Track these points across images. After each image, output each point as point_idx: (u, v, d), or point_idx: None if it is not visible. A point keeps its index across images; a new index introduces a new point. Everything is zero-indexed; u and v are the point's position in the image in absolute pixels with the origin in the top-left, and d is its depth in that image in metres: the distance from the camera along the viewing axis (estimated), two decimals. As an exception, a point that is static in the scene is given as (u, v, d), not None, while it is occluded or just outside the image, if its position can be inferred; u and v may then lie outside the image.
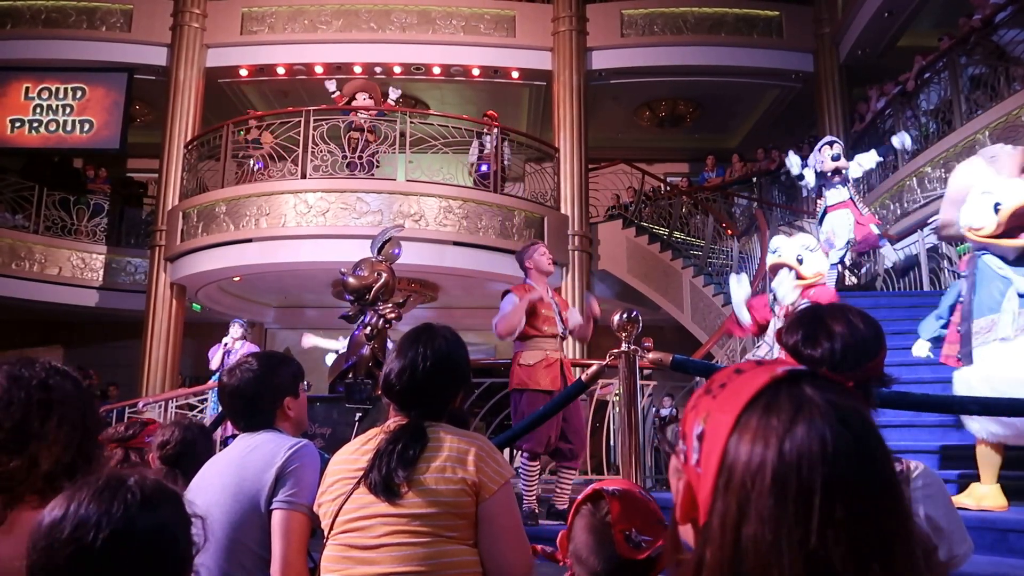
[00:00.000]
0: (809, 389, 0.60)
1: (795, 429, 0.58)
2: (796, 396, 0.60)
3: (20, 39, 11.38)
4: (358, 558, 1.54)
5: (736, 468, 0.59)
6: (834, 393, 0.61)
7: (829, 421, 0.58)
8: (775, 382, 0.62)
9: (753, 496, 0.57)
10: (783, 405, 0.59)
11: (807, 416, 0.58)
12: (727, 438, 0.60)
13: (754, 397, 0.61)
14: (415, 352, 1.66)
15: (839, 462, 0.56)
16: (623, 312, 3.07)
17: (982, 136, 7.40)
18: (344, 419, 5.26)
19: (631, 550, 1.27)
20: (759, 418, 0.59)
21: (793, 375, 0.62)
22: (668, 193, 12.08)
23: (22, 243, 11.26)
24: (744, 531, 0.57)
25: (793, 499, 0.56)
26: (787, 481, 0.56)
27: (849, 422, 0.58)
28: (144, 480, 0.99)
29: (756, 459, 0.58)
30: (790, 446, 0.57)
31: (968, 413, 3.41)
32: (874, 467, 0.58)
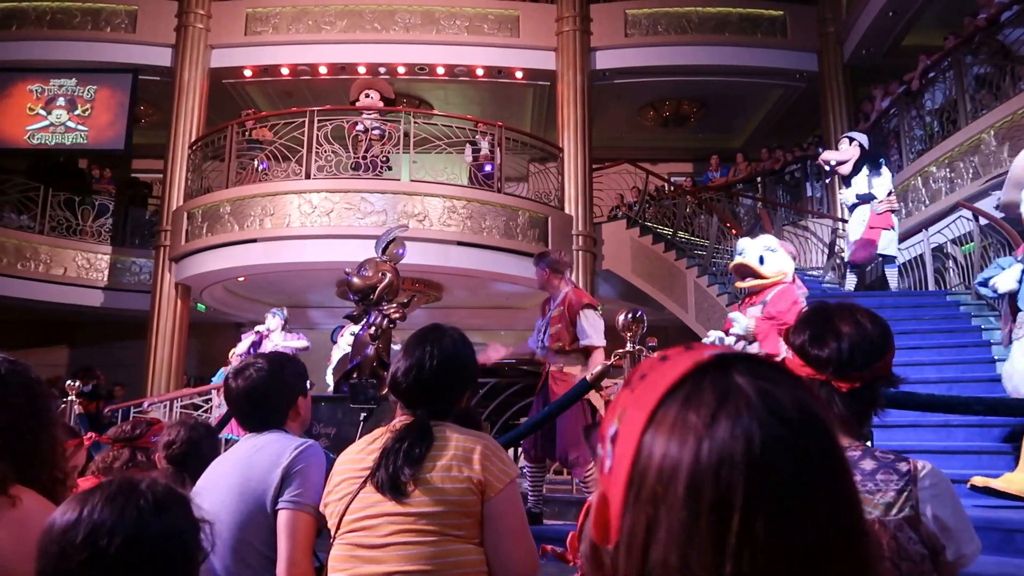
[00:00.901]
0: (739, 377, 0.50)
1: (716, 425, 0.48)
2: (722, 385, 0.50)
3: (25, 40, 11.42)
4: (365, 557, 1.54)
5: (647, 476, 0.49)
6: (771, 381, 0.50)
7: (758, 415, 0.48)
8: (699, 369, 0.51)
9: (663, 510, 0.48)
10: (704, 396, 0.49)
11: (731, 409, 0.48)
12: (639, 439, 0.50)
13: (673, 388, 0.51)
14: (422, 351, 1.67)
15: (767, 466, 0.46)
16: (628, 312, 3.07)
17: (987, 136, 7.37)
18: (349, 419, 5.26)
19: None
20: (676, 413, 0.50)
21: (721, 360, 0.52)
22: (672, 193, 12.07)
23: (27, 243, 11.30)
24: (652, 553, 0.47)
25: (707, 513, 0.46)
26: (702, 491, 0.47)
27: (784, 416, 0.48)
28: (155, 484, 1.00)
29: (669, 464, 0.48)
30: (708, 447, 0.47)
31: (973, 414, 3.41)
32: (813, 473, 0.48)
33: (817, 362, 1.31)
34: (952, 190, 7.85)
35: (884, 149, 9.81)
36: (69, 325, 12.86)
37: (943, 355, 5.64)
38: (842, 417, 1.30)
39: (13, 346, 12.50)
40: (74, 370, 11.62)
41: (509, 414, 5.94)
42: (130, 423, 2.65)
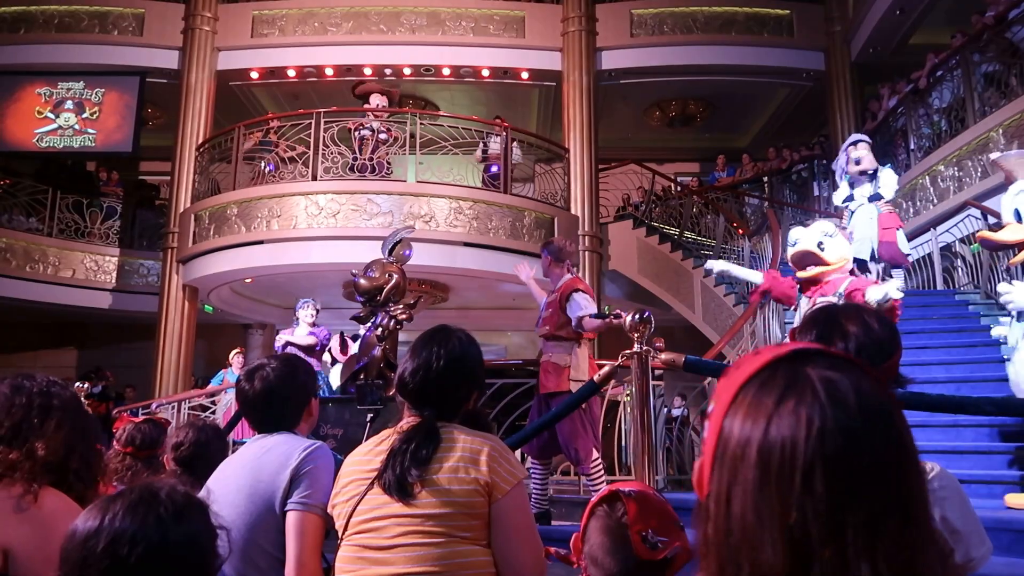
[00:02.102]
0: (810, 368, 0.59)
1: (782, 407, 0.57)
2: (791, 374, 0.59)
3: (33, 44, 11.48)
4: (372, 558, 1.55)
5: (728, 445, 0.59)
6: (838, 372, 0.59)
7: (819, 400, 0.57)
8: (776, 360, 0.61)
9: (740, 473, 0.57)
10: (776, 383, 0.59)
11: (797, 394, 0.58)
12: (723, 415, 0.61)
13: (753, 375, 0.61)
14: (429, 352, 1.67)
15: (825, 442, 0.55)
16: (635, 313, 3.06)
17: (996, 134, 7.34)
18: (356, 420, 5.27)
19: (648, 551, 1.27)
20: (752, 395, 0.60)
21: (797, 353, 0.62)
22: (679, 193, 12.06)
23: (36, 246, 11.35)
24: (733, 506, 0.57)
25: (775, 477, 0.56)
26: (770, 459, 0.56)
27: (843, 402, 0.57)
28: (175, 492, 1.00)
29: (744, 436, 0.58)
30: (776, 423, 0.57)
31: (983, 414, 3.39)
32: (866, 450, 0.56)
33: None
34: (960, 189, 7.82)
35: (891, 148, 9.78)
36: (78, 327, 12.92)
37: (952, 355, 5.61)
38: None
39: (23, 348, 12.59)
40: (83, 371, 11.68)
41: (516, 414, 5.94)
42: (144, 429, 2.63)
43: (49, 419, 1.31)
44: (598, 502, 1.35)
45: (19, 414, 1.30)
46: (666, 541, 1.28)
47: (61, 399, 1.36)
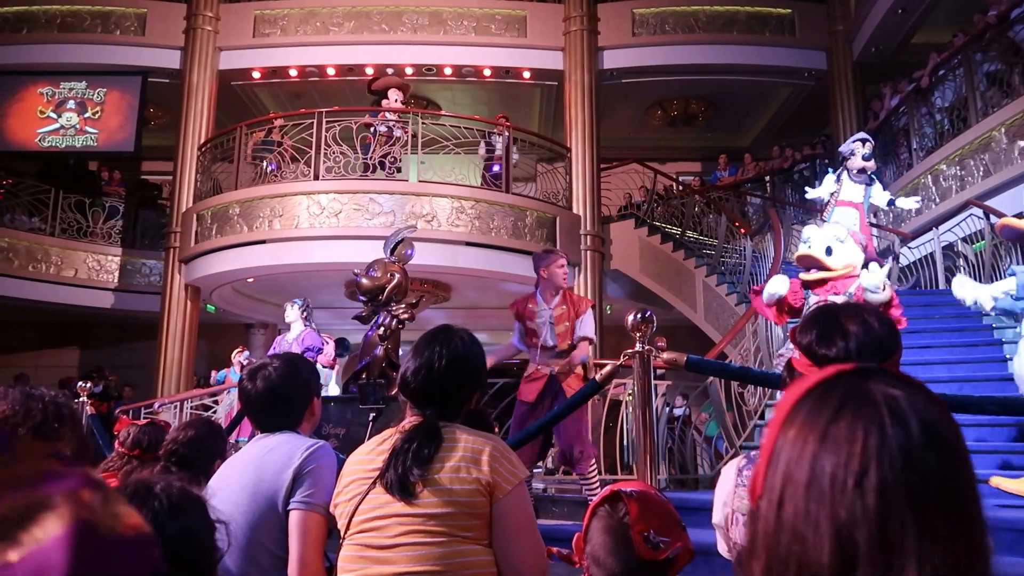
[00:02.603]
0: (871, 383, 0.60)
1: (841, 417, 0.58)
2: (852, 388, 0.60)
3: (35, 44, 11.50)
4: (374, 558, 1.55)
5: (783, 452, 0.60)
6: (899, 389, 0.60)
7: (879, 414, 0.57)
8: (839, 374, 0.62)
9: (792, 479, 0.59)
10: (836, 395, 0.60)
11: (856, 407, 0.58)
12: (782, 422, 0.62)
13: (815, 386, 0.62)
14: (431, 351, 1.67)
15: (881, 452, 0.56)
16: (637, 312, 3.06)
17: (998, 133, 7.33)
18: (358, 420, 5.27)
19: (650, 551, 1.27)
20: (812, 404, 0.61)
21: (860, 369, 0.62)
22: (680, 192, 12.05)
23: (39, 245, 11.37)
24: (784, 510, 0.59)
25: (828, 483, 0.57)
26: (824, 465, 0.57)
27: (904, 420, 0.57)
28: (170, 487, 1.00)
29: (798, 445, 0.59)
30: (833, 432, 0.58)
31: (985, 413, 3.39)
32: (921, 468, 0.56)
33: (825, 362, 1.30)
34: (962, 188, 7.81)
35: (894, 147, 9.78)
36: (80, 326, 12.94)
37: (954, 354, 5.61)
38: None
39: (25, 348, 12.61)
40: (85, 371, 11.69)
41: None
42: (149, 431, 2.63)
43: (64, 426, 1.35)
44: (600, 502, 1.36)
45: (39, 416, 1.33)
46: (668, 541, 1.28)
47: (70, 409, 1.39)
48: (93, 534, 0.39)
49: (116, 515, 0.42)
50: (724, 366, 4.36)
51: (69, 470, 0.42)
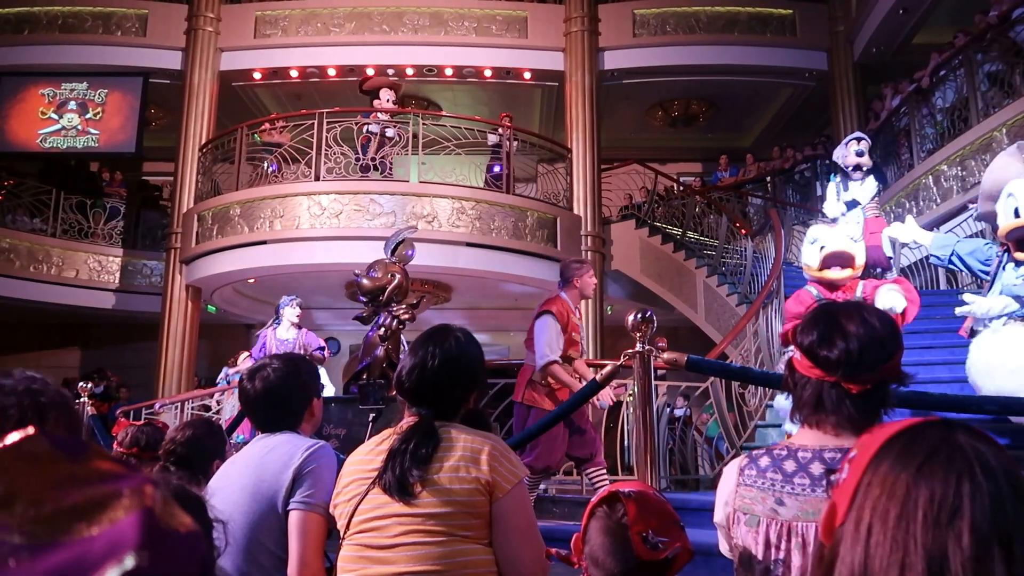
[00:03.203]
0: (959, 435, 0.64)
1: (933, 462, 0.62)
2: (942, 436, 0.64)
3: (37, 45, 11.51)
4: (374, 558, 1.55)
5: (872, 486, 0.64)
6: (984, 444, 0.64)
7: (968, 464, 0.61)
8: (927, 423, 0.67)
9: (880, 510, 0.62)
10: (927, 441, 0.64)
11: (948, 455, 0.62)
12: (867, 462, 0.66)
13: (901, 431, 0.66)
14: (425, 351, 1.68)
15: (975, 503, 0.60)
16: (637, 312, 3.06)
17: (999, 133, 7.33)
18: (358, 420, 5.28)
19: (649, 551, 1.27)
20: (902, 447, 0.65)
21: (947, 422, 0.67)
22: (681, 193, 12.05)
23: (40, 246, 11.38)
24: (873, 538, 0.62)
25: (921, 522, 0.60)
26: (916, 503, 0.61)
27: (993, 472, 0.61)
28: (166, 483, 1.00)
29: (890, 481, 0.63)
30: (925, 474, 0.62)
31: (986, 413, 3.39)
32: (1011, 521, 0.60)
33: (827, 363, 1.30)
34: (964, 189, 7.80)
35: (895, 147, 9.77)
36: (81, 327, 12.94)
37: (955, 355, 5.59)
38: (852, 418, 1.30)
39: (26, 348, 12.61)
40: (87, 372, 11.70)
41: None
42: (147, 431, 2.64)
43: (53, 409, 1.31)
44: (598, 503, 1.36)
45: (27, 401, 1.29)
46: (667, 541, 1.28)
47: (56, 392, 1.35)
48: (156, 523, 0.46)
49: (172, 513, 0.50)
50: (724, 366, 4.36)
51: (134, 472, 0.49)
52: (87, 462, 0.48)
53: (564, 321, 4.27)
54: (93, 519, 0.43)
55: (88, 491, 0.44)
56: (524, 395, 4.37)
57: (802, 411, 1.35)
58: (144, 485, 0.47)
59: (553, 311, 4.26)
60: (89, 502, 0.43)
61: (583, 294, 4.48)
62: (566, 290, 4.43)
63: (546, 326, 4.23)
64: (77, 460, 0.47)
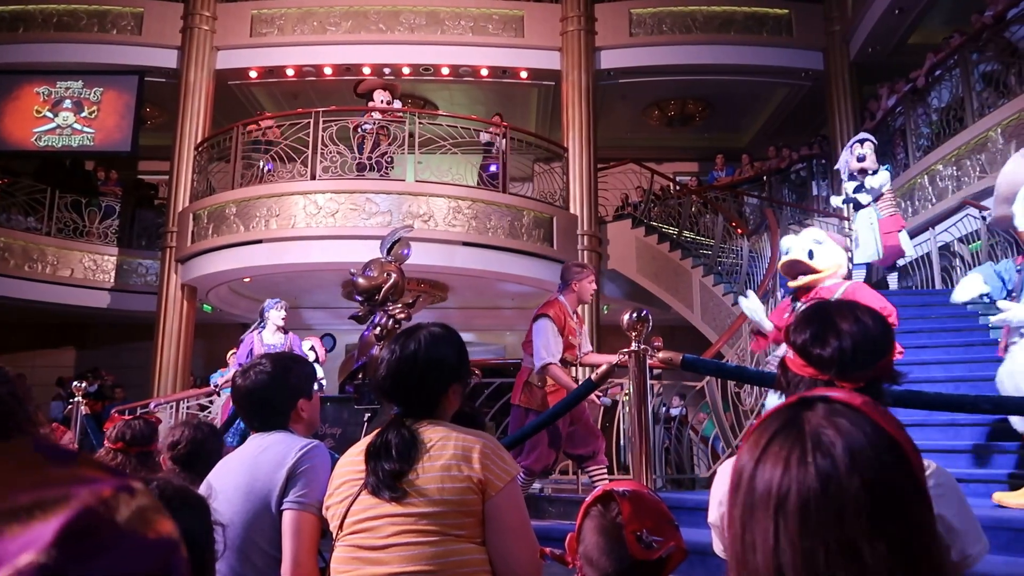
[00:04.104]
0: (806, 412, 0.65)
1: (769, 447, 0.64)
2: (787, 417, 0.66)
3: (32, 43, 11.48)
4: (367, 558, 1.54)
5: (735, 477, 0.66)
6: (834, 418, 0.64)
7: (801, 444, 0.62)
8: (787, 406, 0.68)
9: (739, 502, 0.65)
10: (772, 424, 0.66)
11: (783, 436, 0.64)
12: (740, 455, 0.68)
13: (765, 418, 0.68)
14: (391, 351, 1.69)
15: (803, 484, 0.61)
16: (633, 311, 3.06)
17: (994, 133, 7.34)
18: (354, 419, 5.27)
19: (643, 551, 1.27)
20: (755, 434, 0.67)
21: (804, 400, 0.68)
22: (677, 192, 12.06)
23: (35, 245, 11.34)
24: (734, 532, 0.65)
25: (760, 509, 0.62)
26: (755, 492, 0.63)
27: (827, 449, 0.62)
28: (166, 485, 0.99)
29: (746, 474, 0.65)
30: (763, 460, 0.64)
31: (981, 412, 3.40)
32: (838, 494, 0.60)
33: (820, 362, 1.30)
34: (959, 188, 7.82)
35: (890, 147, 9.79)
36: (76, 326, 12.91)
37: (950, 354, 5.61)
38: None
39: (21, 348, 12.57)
40: (82, 371, 11.67)
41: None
42: (135, 426, 2.63)
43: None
44: (592, 502, 1.35)
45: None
46: (661, 541, 1.28)
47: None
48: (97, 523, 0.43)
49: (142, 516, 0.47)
50: (720, 365, 4.36)
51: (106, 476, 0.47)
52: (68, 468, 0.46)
53: (561, 324, 4.31)
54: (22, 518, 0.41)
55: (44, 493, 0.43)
56: (521, 398, 4.40)
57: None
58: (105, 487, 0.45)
59: (550, 314, 4.31)
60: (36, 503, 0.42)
61: (580, 299, 4.51)
62: (564, 293, 4.47)
63: (543, 329, 4.28)
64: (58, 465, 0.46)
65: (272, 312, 6.96)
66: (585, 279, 4.49)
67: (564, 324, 4.32)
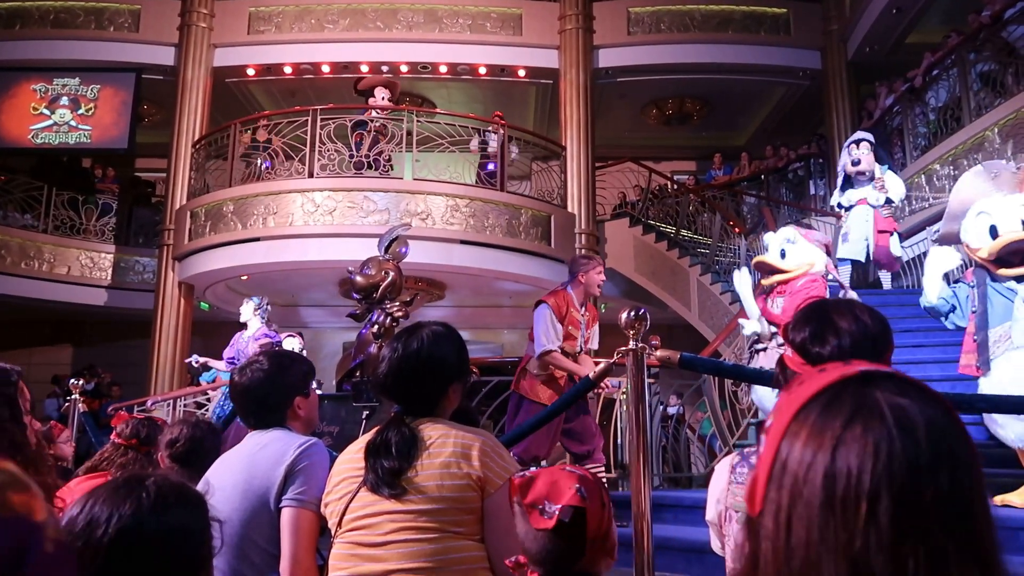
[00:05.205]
0: (878, 391, 0.58)
1: (848, 432, 0.56)
2: (859, 397, 0.58)
3: (29, 40, 11.45)
4: (366, 555, 1.55)
5: (789, 465, 0.58)
6: (907, 397, 0.58)
7: (887, 427, 0.55)
8: (843, 381, 0.60)
9: (803, 496, 0.56)
10: (843, 405, 0.58)
11: (864, 419, 0.56)
12: (783, 432, 0.59)
13: (817, 394, 0.59)
14: (392, 349, 1.70)
15: (893, 473, 0.54)
16: (631, 310, 3.06)
17: (991, 133, 7.36)
18: (352, 417, 5.28)
19: (543, 520, 1.27)
20: (816, 416, 0.58)
21: (866, 375, 0.60)
22: (675, 191, 12.07)
23: (32, 243, 11.32)
24: (794, 530, 0.56)
25: (840, 504, 0.55)
26: (835, 485, 0.55)
27: (912, 430, 0.55)
28: (165, 481, 0.99)
29: (807, 458, 0.57)
30: (842, 449, 0.56)
31: (976, 412, 3.40)
32: (933, 483, 0.55)
33: (819, 361, 1.29)
34: (956, 188, 7.83)
35: (888, 146, 9.80)
36: (73, 324, 12.89)
37: (947, 353, 5.61)
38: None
39: (18, 345, 12.55)
40: (78, 369, 11.65)
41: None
42: (147, 424, 2.64)
43: None
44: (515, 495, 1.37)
45: None
46: (560, 506, 1.27)
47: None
48: None
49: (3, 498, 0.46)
50: (718, 364, 4.37)
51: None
52: None
53: (560, 313, 4.29)
54: None
55: None
56: (519, 384, 4.41)
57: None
58: None
59: (549, 302, 4.30)
60: None
61: (588, 290, 4.46)
62: (572, 285, 4.46)
63: (540, 316, 4.27)
64: None
65: (243, 307, 6.96)
66: (592, 270, 4.46)
67: (565, 313, 4.30)
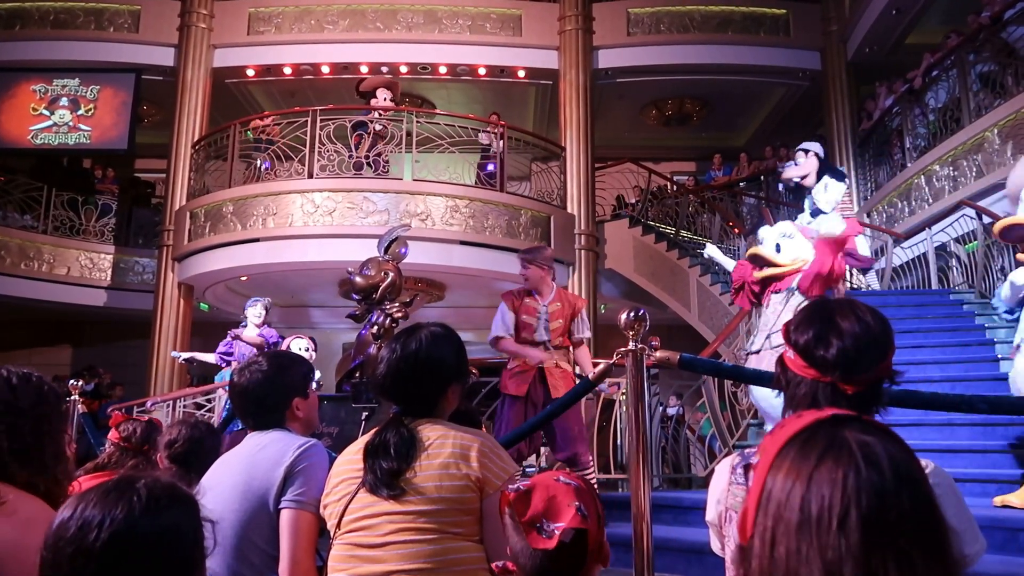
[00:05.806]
0: (847, 431, 0.68)
1: (822, 465, 0.66)
2: (831, 436, 0.68)
3: (29, 40, 11.45)
4: (365, 556, 1.55)
5: (773, 494, 0.68)
6: (872, 436, 0.68)
7: (855, 461, 0.65)
8: (818, 423, 0.70)
9: (783, 516, 0.66)
10: (817, 443, 0.68)
11: (835, 454, 0.66)
12: (768, 468, 0.70)
13: (795, 435, 0.70)
14: (391, 350, 1.70)
15: (859, 495, 0.64)
16: (630, 311, 3.06)
17: (991, 134, 7.36)
18: (351, 418, 5.27)
19: (542, 540, 1.24)
20: (795, 453, 0.69)
21: (836, 418, 0.71)
22: (675, 192, 12.07)
23: (31, 243, 11.32)
24: (777, 549, 0.66)
25: (815, 522, 0.64)
26: (810, 510, 0.65)
27: (876, 462, 0.65)
28: (155, 482, 0.99)
29: (787, 487, 0.67)
30: (816, 480, 0.66)
31: (977, 412, 3.40)
32: (894, 506, 0.64)
33: (823, 364, 1.28)
34: (955, 188, 7.83)
35: (887, 147, 9.80)
36: (73, 325, 12.88)
37: (946, 354, 5.63)
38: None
39: (17, 346, 12.55)
40: (78, 369, 11.64)
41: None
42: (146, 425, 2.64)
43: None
44: (508, 503, 1.32)
45: None
46: (561, 526, 1.23)
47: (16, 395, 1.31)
48: None
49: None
50: (717, 365, 4.36)
51: None
52: None
53: (515, 305, 4.49)
54: None
55: None
56: (501, 381, 4.54)
57: (796, 410, 1.34)
58: None
59: (505, 296, 4.56)
60: None
61: (542, 278, 4.59)
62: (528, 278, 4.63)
63: (497, 310, 4.52)
64: None
65: (249, 310, 6.97)
66: (539, 258, 4.63)
67: (519, 305, 4.48)
